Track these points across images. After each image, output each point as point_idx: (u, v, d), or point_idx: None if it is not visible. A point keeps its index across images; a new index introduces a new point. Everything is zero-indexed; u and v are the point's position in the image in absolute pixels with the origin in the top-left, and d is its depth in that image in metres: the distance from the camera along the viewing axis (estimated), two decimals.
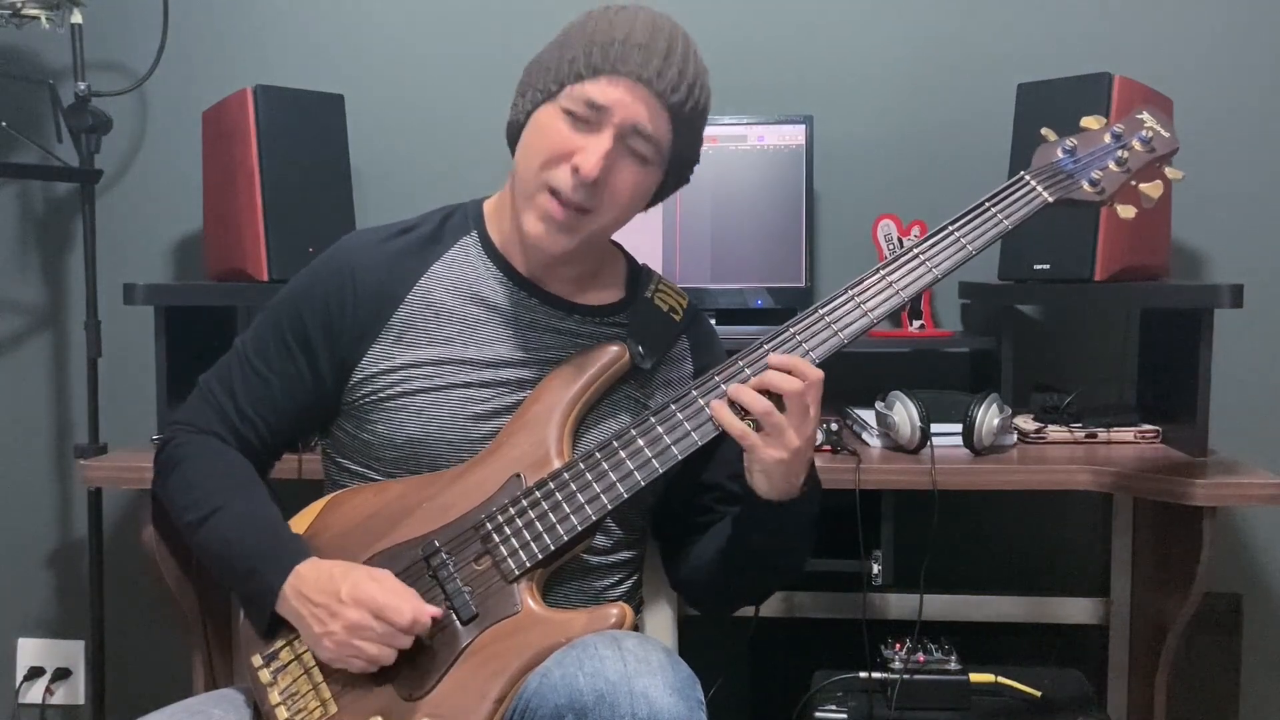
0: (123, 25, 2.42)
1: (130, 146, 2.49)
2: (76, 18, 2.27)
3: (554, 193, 1.33)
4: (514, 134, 1.41)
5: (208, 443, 1.43)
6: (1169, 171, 1.46)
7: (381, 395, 1.39)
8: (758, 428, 1.29)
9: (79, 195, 2.32)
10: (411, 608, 1.27)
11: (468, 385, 1.39)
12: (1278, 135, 2.29)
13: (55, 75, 2.40)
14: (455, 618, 1.31)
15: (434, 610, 1.28)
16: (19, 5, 2.18)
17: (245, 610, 1.37)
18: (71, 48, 2.28)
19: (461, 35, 2.42)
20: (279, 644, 1.35)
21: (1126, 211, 1.44)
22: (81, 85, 2.26)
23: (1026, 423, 2.00)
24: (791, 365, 1.28)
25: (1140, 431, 1.99)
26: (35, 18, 2.20)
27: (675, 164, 1.41)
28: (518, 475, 1.35)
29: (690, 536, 1.52)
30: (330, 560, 1.33)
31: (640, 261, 1.57)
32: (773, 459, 1.29)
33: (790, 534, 1.40)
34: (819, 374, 1.29)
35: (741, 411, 1.29)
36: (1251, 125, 2.29)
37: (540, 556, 1.31)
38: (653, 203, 1.46)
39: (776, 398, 1.28)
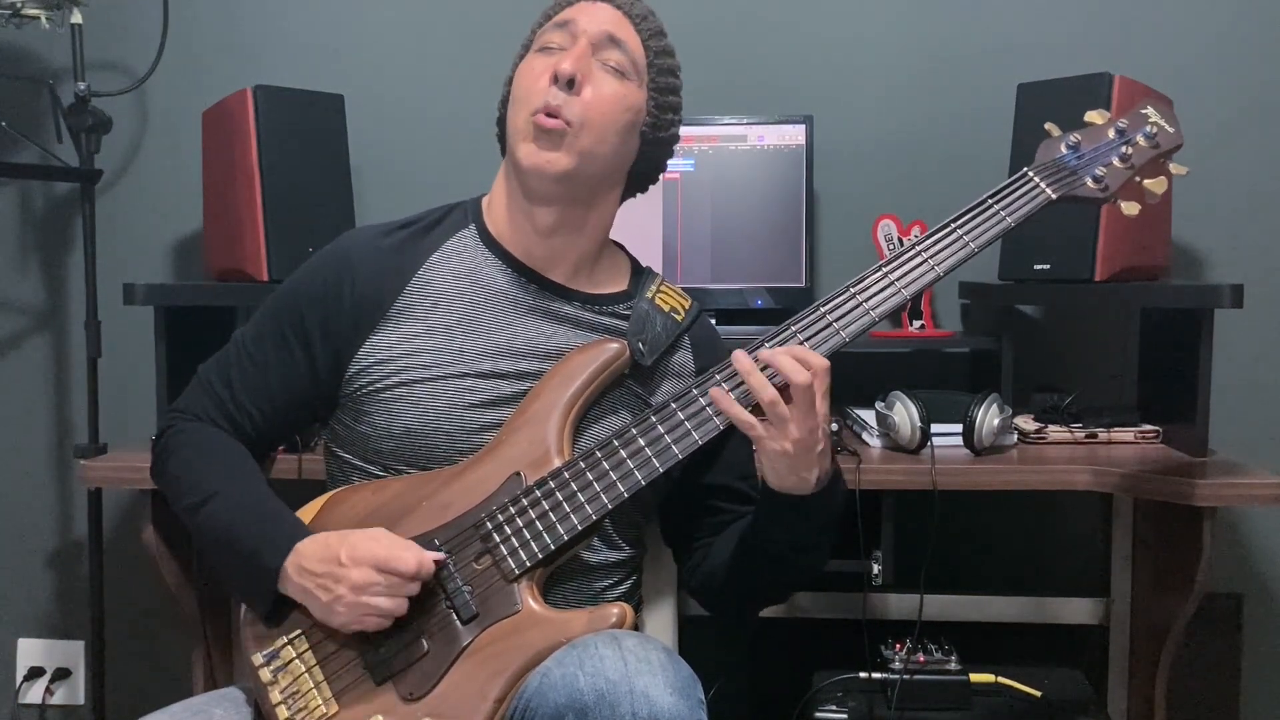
0: (123, 25, 2.42)
1: (130, 146, 2.49)
2: (76, 18, 2.26)
3: (540, 112, 1.37)
4: (504, 124, 1.47)
5: (205, 430, 1.44)
6: (1173, 167, 1.45)
7: (378, 386, 1.39)
8: (760, 415, 1.28)
9: (79, 195, 2.32)
10: (414, 554, 1.27)
11: (465, 375, 1.39)
12: (1278, 135, 2.29)
13: (55, 75, 2.40)
14: (455, 617, 1.30)
15: (437, 556, 1.29)
16: (19, 5, 2.17)
17: (246, 595, 1.37)
18: (71, 48, 2.28)
19: (461, 35, 2.42)
20: (280, 643, 1.35)
21: (1130, 208, 1.44)
22: (81, 85, 2.26)
23: (1027, 423, 2.00)
24: (800, 355, 1.26)
25: (1140, 431, 1.99)
26: (35, 18, 2.20)
27: (655, 87, 1.45)
28: (518, 474, 1.35)
29: (703, 540, 1.52)
30: (325, 531, 1.34)
31: (644, 264, 1.57)
32: (776, 450, 1.28)
33: (806, 531, 1.38)
34: (826, 363, 1.27)
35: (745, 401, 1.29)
36: (1251, 125, 2.29)
37: (540, 555, 1.31)
38: (648, 152, 1.47)
39: (783, 387, 1.27)
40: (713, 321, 1.63)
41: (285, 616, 1.35)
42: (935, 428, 1.85)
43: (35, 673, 2.56)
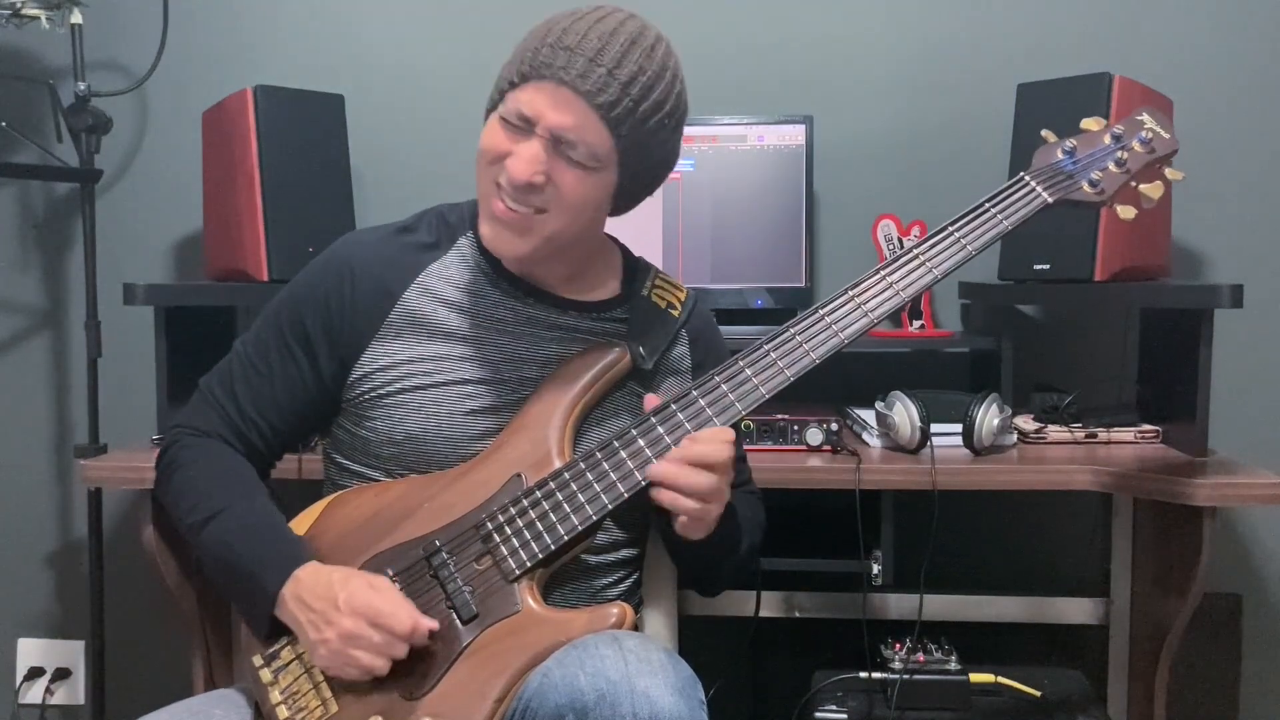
0: (123, 25, 2.42)
1: (130, 146, 2.49)
2: (76, 18, 2.27)
3: (500, 192, 1.34)
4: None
5: (210, 445, 1.43)
6: (1169, 172, 1.46)
7: (381, 392, 1.39)
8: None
9: (79, 195, 2.32)
10: (410, 616, 1.27)
11: (465, 381, 1.39)
12: (1278, 135, 2.29)
13: (55, 75, 2.40)
14: (456, 617, 1.31)
15: (431, 623, 1.29)
16: (19, 5, 2.18)
17: (244, 614, 1.37)
18: (71, 48, 2.28)
19: (461, 36, 2.42)
20: (280, 644, 1.35)
21: (1126, 212, 1.45)
22: (81, 85, 2.26)
23: (1026, 423, 2.01)
24: (715, 435, 1.31)
25: (1140, 431, 1.99)
26: (35, 18, 2.20)
27: (631, 167, 1.35)
28: (519, 475, 1.35)
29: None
30: (330, 565, 1.33)
31: (637, 255, 1.56)
32: (714, 517, 1.35)
33: (732, 541, 1.46)
34: (732, 433, 1.33)
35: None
36: (1251, 125, 2.29)
37: (541, 556, 1.31)
38: (626, 206, 1.43)
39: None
40: (710, 312, 1.62)
41: (283, 626, 1.35)
42: (935, 428, 1.85)
43: (35, 673, 2.56)
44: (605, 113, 1.30)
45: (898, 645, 1.87)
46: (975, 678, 1.83)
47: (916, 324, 2.25)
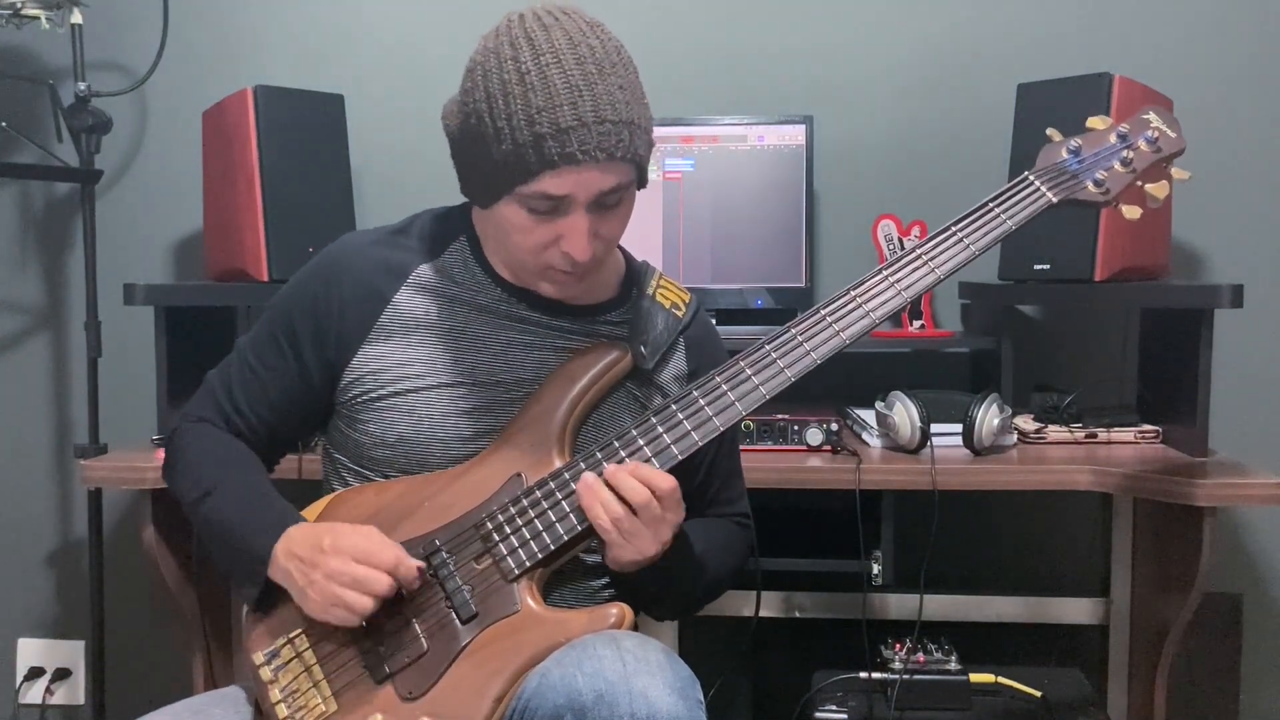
0: (123, 25, 2.42)
1: (130, 146, 2.49)
2: (76, 18, 2.27)
3: (557, 269, 1.35)
4: (471, 198, 1.41)
5: (208, 429, 1.45)
6: (1175, 172, 1.45)
7: (372, 395, 1.39)
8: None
9: (79, 195, 2.32)
10: (394, 551, 1.28)
11: (457, 384, 1.39)
12: (1278, 135, 2.29)
13: (55, 75, 2.40)
14: (455, 617, 1.31)
15: (417, 562, 1.29)
16: (19, 5, 2.18)
17: (238, 582, 1.38)
18: (71, 48, 2.28)
19: (462, 35, 2.41)
20: (280, 642, 1.35)
21: (1132, 212, 1.44)
22: (81, 85, 2.26)
23: (1026, 423, 2.01)
24: (644, 477, 1.28)
25: (1140, 431, 1.99)
26: (35, 18, 2.20)
27: (646, 162, 1.36)
28: (519, 474, 1.35)
29: None
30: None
31: (640, 259, 1.56)
32: (626, 559, 1.31)
33: (660, 586, 1.39)
34: (669, 484, 1.28)
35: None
36: (1251, 125, 2.29)
37: (540, 555, 1.31)
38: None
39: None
40: (712, 320, 1.63)
41: (284, 614, 1.35)
42: (935, 428, 1.85)
43: (35, 673, 2.56)
44: (625, 154, 1.28)
45: (898, 645, 1.87)
46: (975, 678, 1.83)
47: (917, 324, 2.25)
